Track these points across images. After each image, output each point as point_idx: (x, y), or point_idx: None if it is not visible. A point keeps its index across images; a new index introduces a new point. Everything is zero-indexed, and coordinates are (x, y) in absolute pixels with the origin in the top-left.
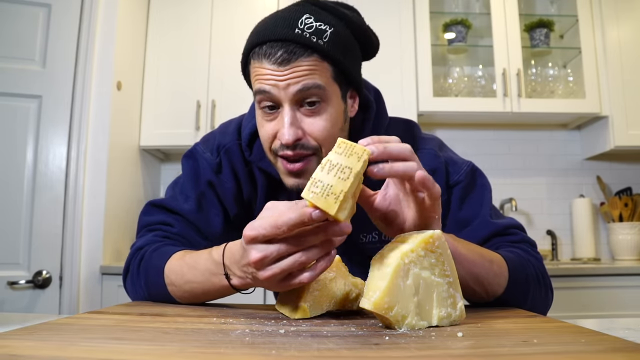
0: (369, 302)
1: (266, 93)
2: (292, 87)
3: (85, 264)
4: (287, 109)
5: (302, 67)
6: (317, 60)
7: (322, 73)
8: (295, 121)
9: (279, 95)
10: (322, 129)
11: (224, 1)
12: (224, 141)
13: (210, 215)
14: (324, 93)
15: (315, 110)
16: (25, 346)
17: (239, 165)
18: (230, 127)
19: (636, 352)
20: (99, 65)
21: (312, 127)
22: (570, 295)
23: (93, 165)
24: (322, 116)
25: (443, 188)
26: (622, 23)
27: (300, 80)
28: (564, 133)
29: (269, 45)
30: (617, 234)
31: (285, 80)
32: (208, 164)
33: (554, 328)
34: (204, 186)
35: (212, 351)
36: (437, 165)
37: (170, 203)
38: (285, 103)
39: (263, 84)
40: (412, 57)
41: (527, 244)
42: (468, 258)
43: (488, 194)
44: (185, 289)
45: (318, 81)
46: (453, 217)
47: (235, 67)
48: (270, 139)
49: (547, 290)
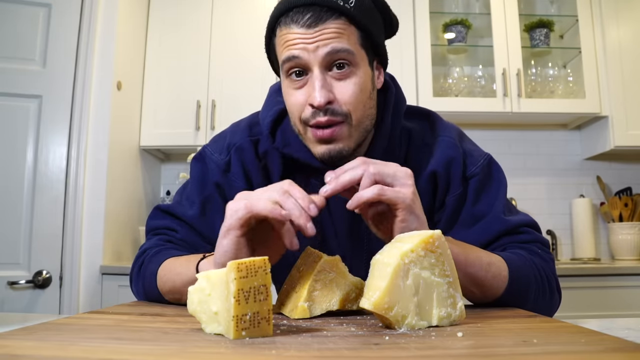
0: (369, 302)
1: (295, 58)
2: (321, 50)
3: (85, 264)
4: (317, 72)
5: (330, 30)
6: (344, 23)
7: (350, 37)
8: (326, 84)
9: (308, 58)
10: (351, 94)
11: (224, 1)
12: (234, 139)
13: (215, 220)
14: (353, 57)
15: (344, 73)
16: (25, 346)
17: (250, 163)
18: (241, 125)
19: (636, 352)
20: (99, 65)
21: (342, 92)
22: (570, 295)
23: (93, 165)
24: (352, 80)
25: (459, 179)
26: (622, 23)
27: (329, 43)
28: (564, 133)
29: (296, 11)
30: (617, 234)
31: (314, 42)
32: (216, 165)
33: (554, 328)
34: (211, 189)
35: (212, 351)
36: (454, 154)
37: (176, 209)
38: (315, 66)
39: (291, 49)
40: (412, 57)
41: (538, 243)
42: (462, 259)
43: (503, 189)
44: (167, 286)
45: (346, 45)
46: (467, 211)
47: (235, 67)
48: (300, 107)
49: (553, 293)
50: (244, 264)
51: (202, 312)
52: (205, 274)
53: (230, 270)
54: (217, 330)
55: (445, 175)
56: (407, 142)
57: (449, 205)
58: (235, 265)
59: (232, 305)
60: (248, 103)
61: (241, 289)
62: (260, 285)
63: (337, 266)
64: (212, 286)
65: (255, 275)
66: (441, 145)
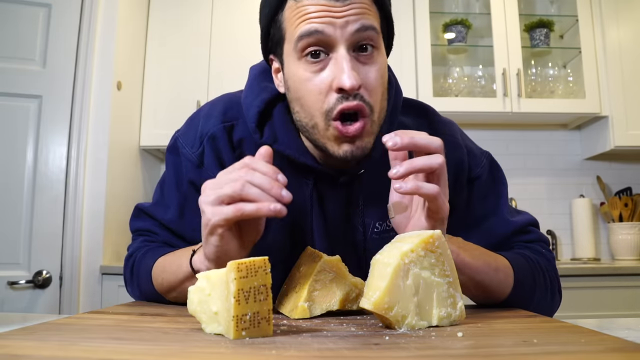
0: (369, 302)
1: (317, 33)
2: (351, 26)
3: (85, 264)
4: (344, 52)
5: (360, 4)
6: (370, 2)
7: (374, 16)
8: (356, 65)
9: (335, 35)
10: (375, 80)
11: (224, 1)
12: (206, 127)
13: (193, 220)
14: (378, 38)
15: (369, 56)
16: (25, 346)
17: (224, 153)
18: (215, 109)
19: (636, 352)
20: (99, 65)
21: (368, 77)
22: (570, 295)
23: (93, 165)
24: (376, 66)
25: (464, 181)
26: (622, 23)
27: (359, 19)
28: (564, 133)
29: None
30: (617, 234)
31: (344, 16)
32: (188, 161)
33: (554, 328)
34: (186, 188)
35: (212, 351)
36: (461, 156)
37: (155, 211)
38: (341, 45)
39: (314, 22)
40: (412, 57)
41: (541, 243)
42: (472, 266)
43: (505, 190)
44: (165, 286)
45: (374, 22)
46: (472, 213)
47: (235, 67)
48: (322, 95)
49: (554, 294)
50: (244, 264)
51: (202, 312)
52: (205, 274)
53: (230, 270)
54: (217, 330)
55: (452, 179)
56: None
57: (454, 208)
58: (235, 265)
59: (232, 305)
60: None
61: (241, 289)
62: (260, 285)
63: (337, 266)
64: (212, 286)
65: (255, 275)
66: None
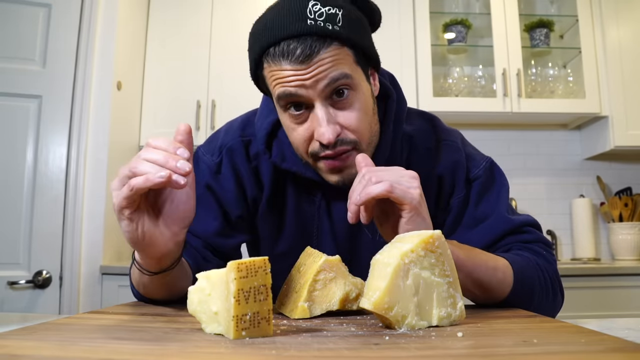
0: (369, 302)
1: (293, 96)
2: (320, 83)
3: (85, 264)
4: (320, 106)
5: (326, 60)
6: (337, 48)
7: (345, 60)
8: (331, 117)
9: (308, 94)
10: (357, 121)
11: (225, 2)
12: (226, 140)
13: (207, 219)
14: (352, 81)
15: (347, 101)
16: (25, 346)
17: (241, 164)
18: (234, 124)
19: (636, 352)
20: (99, 65)
21: (348, 120)
22: (570, 295)
23: (93, 165)
24: (355, 106)
25: (463, 182)
26: (622, 23)
27: (327, 74)
28: (563, 133)
29: (283, 44)
30: (617, 234)
31: (311, 78)
32: (207, 167)
33: (554, 328)
34: (201, 190)
35: (212, 351)
36: (459, 158)
37: None
38: (316, 101)
39: (287, 87)
40: (412, 57)
41: (541, 244)
42: (468, 265)
43: (505, 192)
44: (136, 284)
45: (344, 70)
46: (470, 213)
47: (235, 67)
48: (306, 143)
49: (556, 295)
50: (244, 264)
51: (202, 312)
52: (206, 274)
53: (230, 270)
54: (217, 330)
55: (450, 179)
56: (408, 147)
57: (453, 208)
58: (235, 265)
59: (232, 305)
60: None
61: (241, 289)
62: (260, 285)
63: (337, 266)
64: (212, 286)
65: (255, 275)
66: (446, 149)
